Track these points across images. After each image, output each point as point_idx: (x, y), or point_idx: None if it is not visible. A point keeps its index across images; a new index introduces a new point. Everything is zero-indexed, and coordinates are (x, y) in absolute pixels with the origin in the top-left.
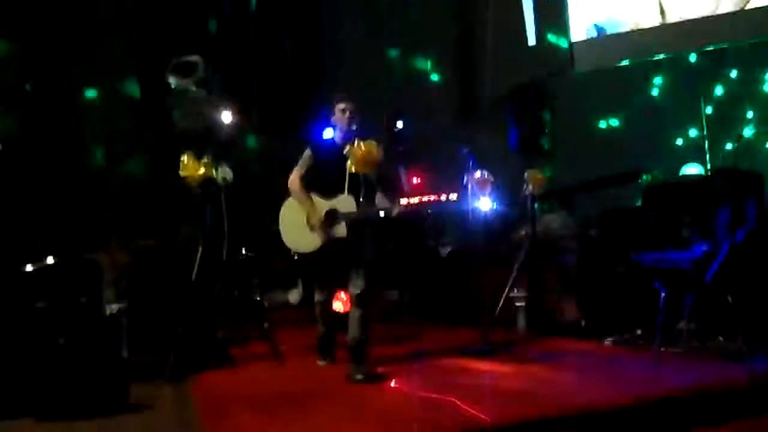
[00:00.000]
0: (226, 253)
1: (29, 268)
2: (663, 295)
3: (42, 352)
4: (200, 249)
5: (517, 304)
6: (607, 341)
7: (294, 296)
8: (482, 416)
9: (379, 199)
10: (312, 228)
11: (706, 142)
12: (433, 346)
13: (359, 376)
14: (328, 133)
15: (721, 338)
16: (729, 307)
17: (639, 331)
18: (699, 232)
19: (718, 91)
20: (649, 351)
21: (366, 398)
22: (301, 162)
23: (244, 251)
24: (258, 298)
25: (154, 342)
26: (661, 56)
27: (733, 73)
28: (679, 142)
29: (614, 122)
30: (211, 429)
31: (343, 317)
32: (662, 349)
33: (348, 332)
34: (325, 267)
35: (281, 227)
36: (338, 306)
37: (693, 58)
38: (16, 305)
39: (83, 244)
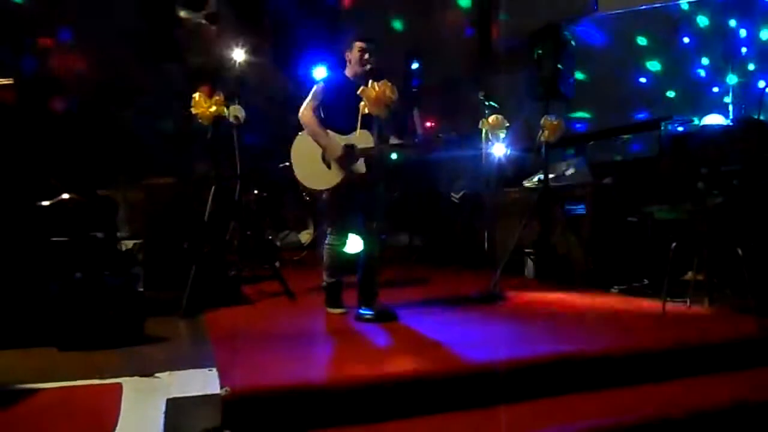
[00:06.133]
0: (238, 192)
1: (45, 203)
2: (673, 246)
3: (61, 285)
4: (213, 188)
5: (527, 250)
6: (615, 290)
7: (305, 237)
8: (481, 359)
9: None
10: (329, 164)
11: (731, 91)
12: (441, 290)
13: (368, 316)
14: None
15: (728, 291)
16: (738, 259)
17: (646, 281)
18: (714, 184)
19: (746, 38)
20: (656, 301)
21: (374, 337)
22: (311, 95)
23: (256, 191)
24: (270, 238)
25: (169, 278)
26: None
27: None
28: (704, 90)
29: (635, 68)
30: (223, 361)
31: (352, 261)
32: (668, 299)
33: (358, 272)
34: (340, 205)
35: (294, 163)
36: (350, 246)
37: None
38: (33, 239)
39: (96, 181)
